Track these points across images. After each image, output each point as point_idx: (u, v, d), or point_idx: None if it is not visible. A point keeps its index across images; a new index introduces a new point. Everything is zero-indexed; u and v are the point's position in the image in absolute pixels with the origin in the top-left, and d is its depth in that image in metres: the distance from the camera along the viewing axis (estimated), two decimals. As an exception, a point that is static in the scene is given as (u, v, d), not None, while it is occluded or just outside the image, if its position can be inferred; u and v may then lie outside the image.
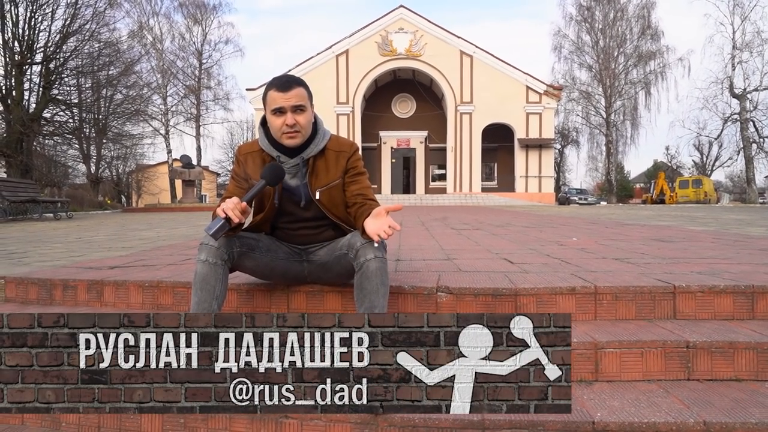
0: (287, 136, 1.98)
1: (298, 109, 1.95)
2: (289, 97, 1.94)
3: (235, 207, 1.83)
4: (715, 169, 41.35)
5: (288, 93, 1.94)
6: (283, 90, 1.94)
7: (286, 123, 1.95)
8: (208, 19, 36.42)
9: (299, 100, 1.95)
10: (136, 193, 38.88)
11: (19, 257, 3.88)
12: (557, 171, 45.17)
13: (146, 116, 28.42)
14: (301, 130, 1.98)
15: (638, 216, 10.14)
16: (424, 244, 4.23)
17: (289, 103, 1.94)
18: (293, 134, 1.97)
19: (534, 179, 30.36)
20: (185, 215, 13.93)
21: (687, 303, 2.19)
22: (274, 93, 1.95)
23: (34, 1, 15.48)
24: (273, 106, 1.95)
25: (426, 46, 29.35)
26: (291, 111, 1.94)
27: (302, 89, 1.98)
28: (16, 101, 15.50)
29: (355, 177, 2.11)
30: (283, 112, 1.95)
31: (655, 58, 36.56)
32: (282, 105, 1.94)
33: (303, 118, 1.97)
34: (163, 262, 3.28)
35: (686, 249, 3.64)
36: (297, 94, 1.95)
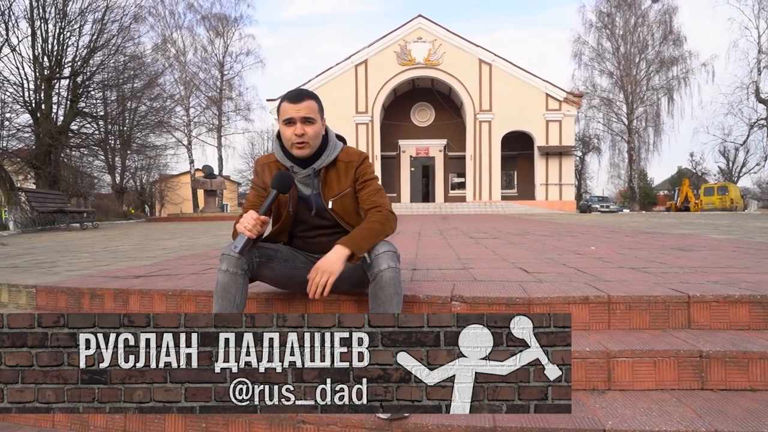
0: (296, 147, 2.07)
1: (307, 121, 2.04)
2: (299, 109, 2.03)
3: (255, 225, 1.94)
4: (741, 175, 40.48)
5: (299, 105, 2.03)
6: (294, 102, 2.04)
7: (295, 133, 2.04)
8: (230, 31, 37.09)
9: (309, 112, 2.04)
10: (159, 202, 39.57)
11: (49, 266, 4.02)
12: (578, 179, 44.70)
13: (169, 127, 28.98)
14: (309, 141, 2.06)
15: (660, 224, 10.00)
16: (441, 253, 4.26)
17: (299, 114, 2.03)
18: (301, 145, 2.06)
19: (554, 187, 30.09)
20: (207, 224, 14.16)
21: (702, 313, 2.19)
22: (286, 104, 2.05)
23: (63, 17, 15.97)
24: (284, 116, 2.05)
25: (444, 54, 29.43)
26: (300, 122, 2.03)
27: (313, 102, 2.07)
28: (45, 114, 15.96)
29: (365, 183, 2.19)
30: (293, 122, 2.04)
31: (677, 64, 36.09)
32: (292, 116, 2.03)
33: (312, 129, 2.05)
34: (185, 272, 3.37)
35: (705, 258, 3.62)
36: (307, 106, 2.04)
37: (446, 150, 32.29)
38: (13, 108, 16.07)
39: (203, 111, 35.93)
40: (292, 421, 1.75)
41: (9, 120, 16.05)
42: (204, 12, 35.97)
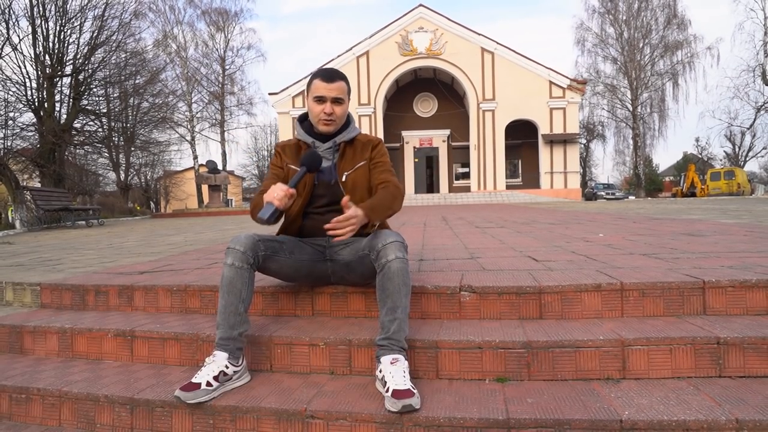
0: (323, 123, 2.18)
1: (337, 101, 2.16)
2: (332, 89, 2.14)
3: (284, 196, 1.96)
4: (748, 159, 40.06)
5: (331, 84, 2.14)
6: (327, 81, 2.14)
7: (325, 111, 2.15)
8: (231, 26, 36.83)
9: (340, 92, 2.16)
10: (164, 198, 39.62)
11: (54, 264, 4.00)
12: (583, 166, 44.45)
13: (172, 123, 28.89)
14: (336, 119, 2.18)
15: (667, 210, 9.91)
16: (448, 243, 4.22)
17: (330, 93, 2.14)
18: (329, 122, 2.17)
19: (559, 175, 29.90)
20: (212, 220, 14.15)
21: (717, 298, 2.14)
22: (318, 82, 2.15)
23: (63, 15, 15.90)
24: (316, 93, 2.15)
25: (446, 44, 29.21)
26: (331, 101, 2.15)
27: (343, 83, 2.19)
28: (48, 113, 15.93)
29: (378, 162, 2.28)
30: (324, 100, 2.15)
31: (682, 48, 35.61)
32: (324, 94, 2.14)
33: (340, 109, 2.18)
34: (190, 267, 3.34)
35: (717, 243, 3.55)
36: (339, 87, 2.16)
37: (450, 140, 32.13)
38: (16, 107, 16.04)
39: (206, 106, 35.83)
40: (300, 416, 1.72)
41: (12, 119, 16.02)
42: (204, 7, 35.75)
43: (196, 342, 2.21)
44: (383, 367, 1.79)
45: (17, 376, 2.21)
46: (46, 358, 2.46)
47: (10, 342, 2.57)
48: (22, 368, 2.32)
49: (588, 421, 1.55)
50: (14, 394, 2.10)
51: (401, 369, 1.76)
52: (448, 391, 1.82)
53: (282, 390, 1.90)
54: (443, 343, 1.95)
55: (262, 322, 2.31)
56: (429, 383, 1.89)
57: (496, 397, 1.75)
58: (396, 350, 1.83)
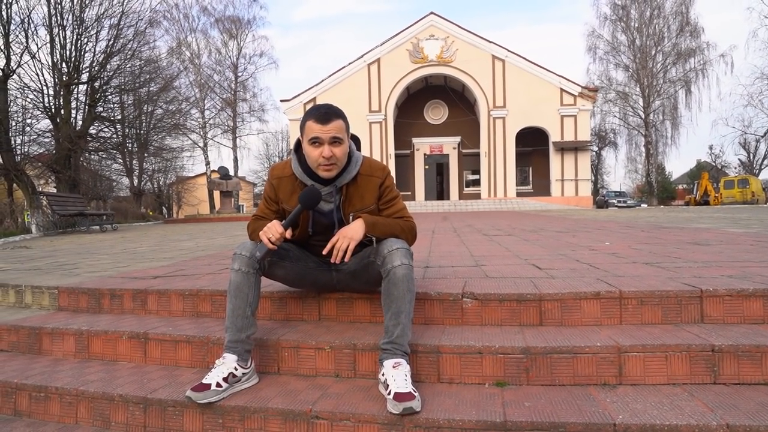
0: (323, 168, 2.03)
1: (335, 142, 2.00)
2: (328, 130, 1.98)
3: (278, 239, 1.97)
4: (763, 167, 39.72)
5: (327, 126, 1.98)
6: (321, 122, 1.98)
7: (323, 155, 1.98)
8: (243, 33, 37.28)
9: (337, 132, 1.99)
10: (176, 204, 40.05)
11: (70, 268, 4.11)
12: (594, 174, 44.23)
13: (185, 130, 29.31)
14: (337, 162, 2.03)
15: (678, 218, 9.88)
16: (454, 251, 4.28)
17: (327, 135, 1.97)
18: (329, 167, 2.02)
19: (570, 183, 29.82)
20: (223, 225, 14.30)
21: (715, 307, 2.18)
22: (312, 124, 1.99)
23: (80, 24, 16.21)
24: (310, 135, 1.99)
25: (457, 51, 29.33)
26: (329, 143, 1.98)
27: (340, 121, 2.02)
28: (65, 119, 16.22)
29: (389, 202, 2.17)
30: (321, 143, 1.99)
31: (695, 56, 35.43)
32: (320, 136, 1.98)
33: (340, 150, 2.01)
34: (202, 272, 3.43)
35: (721, 252, 3.58)
36: (335, 126, 1.99)
37: (460, 147, 32.18)
38: (34, 114, 16.36)
39: (218, 113, 36.24)
40: (306, 416, 1.79)
41: (30, 126, 16.35)
42: (218, 15, 36.28)
43: (207, 345, 2.29)
44: (386, 370, 1.85)
45: (36, 375, 2.31)
46: (63, 359, 2.55)
47: (29, 343, 2.67)
48: (40, 368, 2.42)
49: (582, 425, 1.61)
50: (33, 392, 2.20)
51: (403, 372, 1.82)
52: (448, 394, 1.88)
53: (288, 391, 1.97)
54: (445, 347, 2.01)
55: (271, 326, 2.39)
56: (430, 386, 1.96)
57: (494, 400, 1.80)
58: (399, 354, 1.89)
